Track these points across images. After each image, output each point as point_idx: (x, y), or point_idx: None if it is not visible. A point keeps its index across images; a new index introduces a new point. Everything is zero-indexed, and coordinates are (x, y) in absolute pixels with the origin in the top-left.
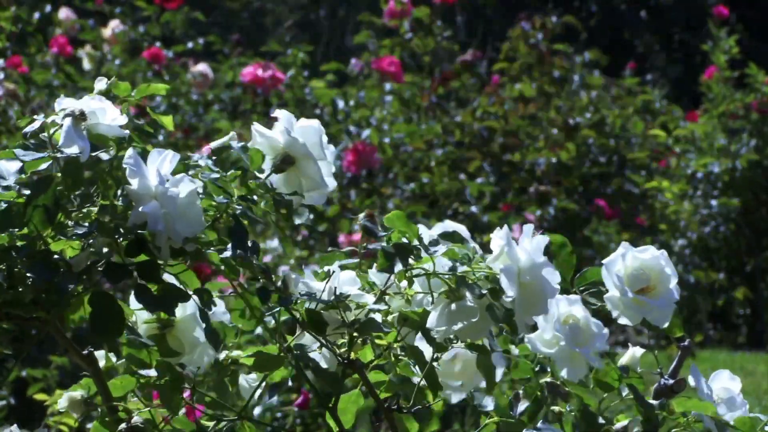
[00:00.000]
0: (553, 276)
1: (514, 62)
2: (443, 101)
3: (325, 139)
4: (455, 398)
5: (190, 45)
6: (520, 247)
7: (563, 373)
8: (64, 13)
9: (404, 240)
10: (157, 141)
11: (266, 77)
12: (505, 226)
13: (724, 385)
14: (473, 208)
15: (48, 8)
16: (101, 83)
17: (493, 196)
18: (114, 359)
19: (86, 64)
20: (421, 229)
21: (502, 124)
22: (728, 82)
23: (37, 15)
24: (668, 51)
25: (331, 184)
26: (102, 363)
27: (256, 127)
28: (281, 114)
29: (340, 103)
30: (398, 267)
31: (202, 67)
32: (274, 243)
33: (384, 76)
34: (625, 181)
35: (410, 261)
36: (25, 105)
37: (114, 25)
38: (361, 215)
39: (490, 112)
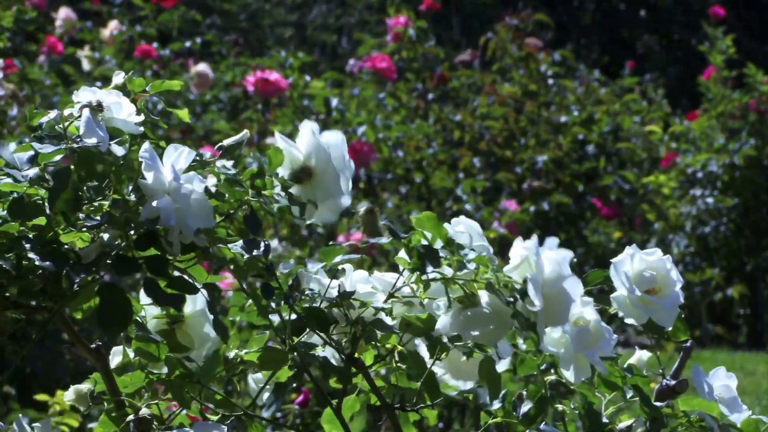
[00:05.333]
0: (575, 288)
1: (494, 64)
2: (439, 102)
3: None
4: (463, 386)
5: (188, 44)
6: (546, 258)
7: (567, 375)
8: (63, 12)
9: (423, 242)
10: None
11: (271, 83)
12: (534, 236)
13: (722, 382)
14: (467, 206)
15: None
16: (119, 78)
17: (486, 192)
18: (131, 354)
19: (86, 65)
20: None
21: (501, 123)
22: (726, 83)
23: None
24: (668, 50)
25: (348, 199)
26: (119, 359)
27: (279, 135)
28: (306, 125)
29: (334, 102)
30: (429, 269)
31: (202, 67)
32: (274, 243)
33: (376, 73)
34: (616, 178)
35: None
36: (24, 105)
37: (113, 27)
38: (362, 210)
39: (488, 114)
